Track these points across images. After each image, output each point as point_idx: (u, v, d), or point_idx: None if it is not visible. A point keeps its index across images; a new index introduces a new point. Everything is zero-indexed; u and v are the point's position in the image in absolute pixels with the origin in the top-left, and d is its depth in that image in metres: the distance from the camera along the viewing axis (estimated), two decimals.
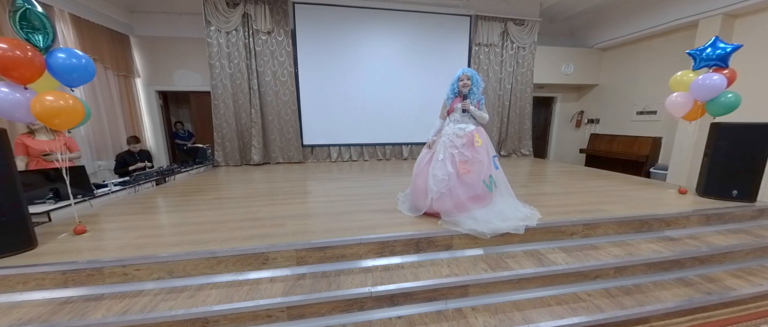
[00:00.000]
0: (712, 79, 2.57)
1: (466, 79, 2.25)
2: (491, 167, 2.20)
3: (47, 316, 1.44)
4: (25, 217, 1.77)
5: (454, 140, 2.22)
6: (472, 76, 2.27)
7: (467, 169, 2.13)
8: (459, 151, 2.18)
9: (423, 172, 2.27)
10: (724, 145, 2.64)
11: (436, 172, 2.17)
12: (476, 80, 2.28)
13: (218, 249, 1.75)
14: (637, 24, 5.26)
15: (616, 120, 6.08)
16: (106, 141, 4.47)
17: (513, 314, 1.69)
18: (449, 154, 2.20)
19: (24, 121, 2.07)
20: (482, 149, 2.20)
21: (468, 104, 2.25)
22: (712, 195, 2.77)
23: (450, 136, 2.25)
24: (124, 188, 3.18)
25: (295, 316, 1.60)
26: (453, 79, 2.33)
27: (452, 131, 2.27)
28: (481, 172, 2.14)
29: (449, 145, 2.22)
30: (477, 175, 2.13)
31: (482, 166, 2.15)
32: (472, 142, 2.18)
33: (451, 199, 2.11)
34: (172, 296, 1.58)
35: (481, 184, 2.14)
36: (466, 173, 2.12)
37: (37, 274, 1.60)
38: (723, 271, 2.16)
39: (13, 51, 1.59)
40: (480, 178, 2.13)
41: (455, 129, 2.27)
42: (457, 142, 2.21)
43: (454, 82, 2.31)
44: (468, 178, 2.12)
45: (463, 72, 2.27)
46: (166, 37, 5.10)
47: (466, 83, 2.25)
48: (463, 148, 2.18)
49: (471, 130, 2.25)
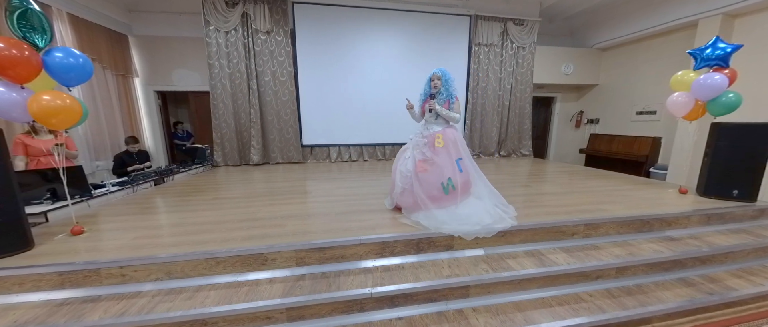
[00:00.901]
0: (713, 78, 2.57)
1: (436, 80, 2.28)
2: (453, 170, 2.18)
3: (44, 317, 1.42)
4: (21, 217, 1.75)
5: (420, 140, 2.31)
6: (443, 75, 2.27)
7: (424, 167, 2.20)
8: (420, 151, 2.26)
9: (396, 167, 2.39)
10: (724, 144, 2.63)
11: (402, 169, 2.30)
12: (446, 79, 2.28)
13: (217, 250, 1.74)
14: (636, 24, 5.26)
15: (616, 120, 6.08)
16: (105, 141, 4.45)
17: (514, 315, 1.68)
18: (413, 153, 2.30)
19: (21, 121, 2.05)
20: (442, 151, 2.20)
21: (434, 104, 2.27)
22: (713, 195, 2.76)
23: (418, 136, 2.35)
24: (122, 189, 3.16)
25: (294, 318, 1.58)
26: (427, 78, 2.37)
27: (419, 131, 2.37)
28: (439, 174, 2.15)
29: (415, 145, 2.32)
30: (433, 175, 2.16)
31: (441, 168, 2.16)
32: (433, 143, 2.23)
33: (411, 196, 2.20)
34: (170, 298, 1.56)
35: (438, 185, 2.14)
36: (423, 172, 2.19)
37: (33, 276, 1.58)
38: (724, 272, 2.16)
39: (9, 50, 1.57)
40: (437, 179, 2.15)
41: (423, 129, 2.35)
42: (421, 141, 2.30)
43: (427, 82, 2.36)
44: (424, 176, 2.17)
45: (434, 72, 2.30)
46: (165, 37, 5.08)
47: (436, 84, 2.28)
48: (424, 148, 2.25)
49: (435, 131, 2.27)
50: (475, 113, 5.86)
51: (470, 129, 5.87)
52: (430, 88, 2.33)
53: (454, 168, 2.18)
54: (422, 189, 2.16)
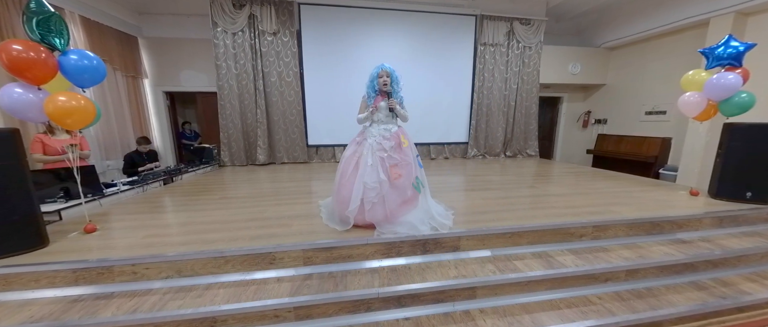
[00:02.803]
0: (727, 78, 2.51)
1: (385, 77, 2.10)
2: (417, 168, 2.14)
3: (58, 314, 1.46)
4: (37, 215, 1.79)
5: (382, 142, 2.07)
6: (392, 73, 2.13)
7: (398, 173, 2.03)
8: (388, 155, 2.04)
9: (349, 181, 2.02)
10: (737, 145, 2.58)
11: (367, 180, 1.98)
12: (395, 77, 2.15)
13: (226, 248, 1.76)
14: (645, 22, 5.18)
15: (625, 120, 5.99)
16: (115, 141, 4.53)
17: (522, 317, 1.66)
18: (379, 159, 2.03)
19: (37, 121, 2.10)
20: (408, 150, 2.12)
21: (395, 103, 2.12)
22: (725, 197, 2.71)
23: (377, 138, 2.09)
24: (132, 188, 3.22)
25: (302, 317, 1.60)
26: (371, 75, 2.16)
27: (378, 133, 2.11)
28: (410, 175, 2.07)
29: (378, 149, 2.05)
30: (407, 178, 2.05)
31: (411, 168, 2.08)
32: (399, 144, 2.09)
33: (383, 208, 1.98)
34: (181, 295, 1.59)
35: (411, 187, 2.07)
36: (398, 178, 2.02)
37: (48, 273, 1.62)
38: (737, 275, 2.11)
39: (27, 52, 1.62)
40: (410, 181, 2.06)
41: (381, 130, 2.12)
42: (386, 144, 2.06)
43: (373, 79, 2.15)
44: (399, 182, 2.02)
45: (383, 68, 2.11)
46: (174, 39, 5.16)
47: (385, 81, 2.10)
48: (391, 151, 2.05)
49: (396, 131, 2.14)
50: (480, 113, 5.83)
51: (475, 129, 5.85)
52: (379, 85, 2.13)
53: (417, 165, 2.15)
54: (396, 196, 2.01)
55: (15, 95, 1.68)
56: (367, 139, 2.12)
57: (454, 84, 5.67)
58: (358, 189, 1.97)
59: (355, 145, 2.15)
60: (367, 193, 1.97)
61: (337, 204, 2.08)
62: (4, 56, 1.58)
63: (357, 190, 1.96)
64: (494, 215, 2.33)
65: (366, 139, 2.11)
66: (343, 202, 2.01)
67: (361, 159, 2.05)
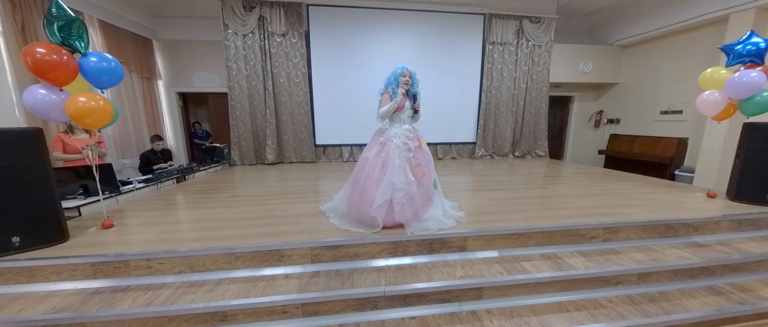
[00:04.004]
0: (750, 76, 2.41)
1: (408, 77, 2.12)
2: (433, 166, 2.21)
3: (78, 305, 1.52)
4: (58, 211, 1.87)
5: (407, 143, 2.08)
6: (413, 74, 2.15)
7: (422, 171, 2.09)
8: (413, 155, 2.07)
9: (377, 182, 1.97)
10: (758, 146, 2.48)
11: (395, 181, 1.96)
12: (416, 79, 2.18)
13: (236, 245, 1.80)
14: (661, 19, 5.03)
15: (638, 120, 5.83)
16: (130, 140, 4.68)
17: (529, 319, 1.65)
18: (405, 159, 2.03)
19: (59, 121, 2.19)
20: (427, 149, 2.20)
21: (419, 104, 2.17)
22: (745, 199, 2.61)
23: (402, 139, 2.08)
24: (147, 185, 3.32)
25: (309, 313, 1.62)
26: (393, 74, 2.14)
27: (402, 133, 2.11)
28: (431, 173, 2.15)
29: (404, 149, 2.05)
30: (429, 176, 2.13)
31: (431, 166, 2.16)
32: (420, 144, 2.15)
33: (411, 207, 2.00)
34: (193, 290, 1.64)
35: (431, 186, 2.15)
36: (422, 176, 2.08)
37: (69, 266, 1.69)
38: (756, 280, 2.03)
39: (50, 55, 1.69)
40: (431, 179, 2.14)
41: (404, 131, 2.12)
42: (411, 145, 2.08)
43: (397, 77, 2.12)
44: (424, 180, 2.09)
45: (406, 69, 2.12)
46: (186, 41, 5.29)
47: (407, 80, 2.12)
48: (416, 151, 2.09)
49: (415, 131, 2.19)
50: (488, 113, 5.77)
51: (483, 129, 5.79)
52: (402, 85, 2.13)
53: (433, 164, 2.22)
54: (423, 194, 2.07)
55: (39, 96, 1.77)
56: (391, 139, 2.08)
57: (461, 83, 5.63)
58: (385, 190, 1.94)
59: (379, 145, 2.09)
60: (396, 194, 1.96)
61: (363, 206, 2.02)
62: (29, 59, 1.66)
63: (382, 192, 1.93)
64: (502, 216, 2.31)
65: (391, 140, 2.08)
66: (369, 204, 1.97)
67: (387, 160, 2.02)
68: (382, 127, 2.21)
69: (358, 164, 2.14)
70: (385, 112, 2.12)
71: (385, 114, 2.13)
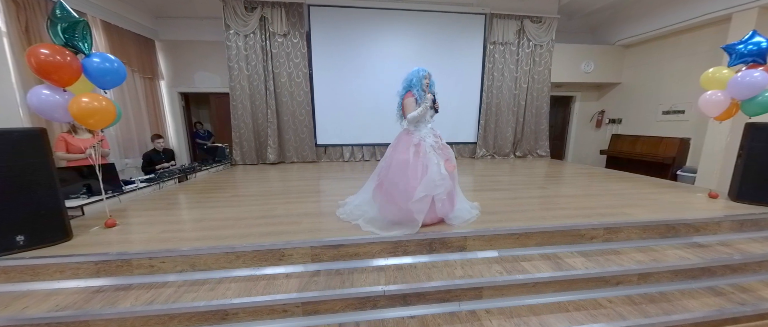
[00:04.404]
0: (753, 76, 2.40)
1: (428, 79, 2.18)
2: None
3: (81, 303, 1.54)
4: (62, 210, 1.89)
5: (437, 141, 2.19)
6: (431, 75, 2.21)
7: (452, 165, 2.19)
8: (442, 152, 2.17)
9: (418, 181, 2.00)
10: (760, 146, 2.47)
11: (435, 178, 2.01)
12: (432, 80, 2.25)
13: (237, 244, 1.81)
14: (663, 19, 5.01)
15: (640, 120, 5.81)
16: (133, 140, 4.71)
17: (529, 318, 1.65)
18: (437, 157, 2.12)
19: (62, 121, 2.21)
20: (447, 144, 2.27)
21: (439, 104, 2.24)
22: (746, 200, 2.60)
23: (432, 139, 2.17)
24: (149, 185, 3.35)
25: (309, 312, 1.63)
26: (416, 77, 2.15)
27: (430, 132, 2.19)
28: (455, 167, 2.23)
29: (437, 147, 2.15)
30: (456, 170, 2.23)
31: (454, 160, 2.25)
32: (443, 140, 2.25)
33: (449, 201, 2.13)
34: (194, 288, 1.65)
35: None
36: (452, 169, 2.18)
37: (72, 264, 1.71)
38: (758, 281, 2.03)
39: (53, 56, 1.71)
40: (457, 173, 2.24)
41: (430, 130, 2.21)
42: (440, 142, 2.20)
43: (420, 80, 2.15)
44: (454, 173, 2.19)
45: (427, 71, 2.18)
46: (188, 41, 5.32)
47: (428, 82, 2.18)
48: (443, 150, 2.19)
49: (435, 129, 2.26)
50: (489, 113, 5.76)
51: (484, 129, 5.79)
52: (424, 86, 2.18)
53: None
54: (455, 186, 2.21)
55: (43, 97, 1.79)
56: (424, 139, 2.13)
57: (462, 83, 5.63)
58: (426, 188, 1.97)
59: (414, 147, 2.10)
60: (437, 191, 2.00)
61: (399, 205, 2.02)
62: (33, 60, 1.68)
63: (421, 191, 1.95)
64: (502, 216, 2.32)
65: (424, 140, 2.13)
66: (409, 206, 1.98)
67: (427, 160, 2.06)
68: (407, 128, 2.22)
69: (394, 168, 2.11)
70: (415, 116, 2.13)
71: (415, 119, 2.14)
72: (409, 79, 2.19)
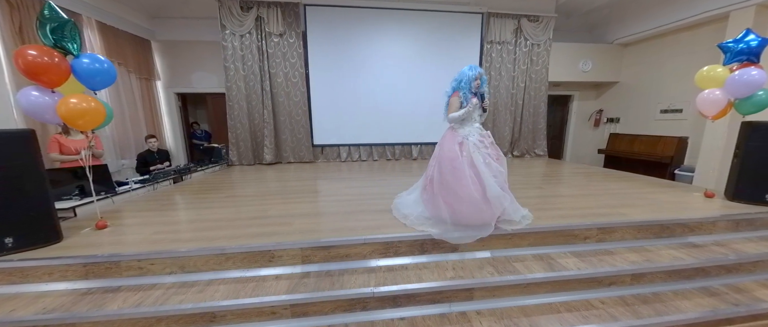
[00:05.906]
0: (750, 74, 2.37)
1: (479, 80, 2.16)
2: None
3: (69, 305, 1.53)
4: (52, 212, 1.88)
5: (483, 140, 2.14)
6: (482, 76, 2.20)
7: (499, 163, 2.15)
8: (489, 151, 2.12)
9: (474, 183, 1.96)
10: (756, 145, 2.45)
11: (489, 177, 1.98)
12: (485, 79, 2.24)
13: (227, 246, 1.80)
14: (661, 17, 4.98)
15: (638, 119, 5.78)
16: (129, 141, 4.71)
17: (520, 320, 1.64)
18: (485, 155, 2.08)
19: (52, 122, 2.20)
20: (495, 143, 2.24)
21: (488, 103, 2.23)
22: (742, 199, 2.58)
23: (477, 137, 2.13)
24: (143, 186, 3.34)
25: (298, 314, 1.62)
26: (466, 77, 2.13)
27: (476, 131, 2.17)
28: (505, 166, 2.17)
29: (482, 146, 2.10)
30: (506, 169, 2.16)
31: (504, 159, 2.19)
32: (492, 140, 2.22)
33: (509, 196, 2.08)
34: (183, 290, 1.64)
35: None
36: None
37: (61, 266, 1.71)
38: (752, 281, 2.01)
39: (41, 57, 1.70)
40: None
41: (476, 129, 2.19)
42: (487, 141, 2.16)
43: (470, 80, 2.12)
44: (504, 172, 2.14)
45: (479, 71, 2.16)
46: (185, 41, 5.31)
47: (479, 82, 2.17)
48: (491, 147, 2.15)
49: (482, 128, 2.25)
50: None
51: None
52: (473, 86, 2.15)
53: None
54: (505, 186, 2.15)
55: (32, 98, 1.78)
56: (467, 138, 2.11)
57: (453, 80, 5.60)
58: (493, 187, 1.93)
59: (458, 145, 2.09)
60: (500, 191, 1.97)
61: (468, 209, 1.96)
62: (21, 61, 1.67)
63: (492, 188, 1.92)
64: None
65: (467, 138, 2.11)
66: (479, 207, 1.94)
67: (472, 158, 2.03)
68: (452, 126, 2.24)
69: (446, 166, 2.08)
70: (456, 118, 2.15)
71: (455, 119, 2.16)
72: (459, 79, 2.19)
